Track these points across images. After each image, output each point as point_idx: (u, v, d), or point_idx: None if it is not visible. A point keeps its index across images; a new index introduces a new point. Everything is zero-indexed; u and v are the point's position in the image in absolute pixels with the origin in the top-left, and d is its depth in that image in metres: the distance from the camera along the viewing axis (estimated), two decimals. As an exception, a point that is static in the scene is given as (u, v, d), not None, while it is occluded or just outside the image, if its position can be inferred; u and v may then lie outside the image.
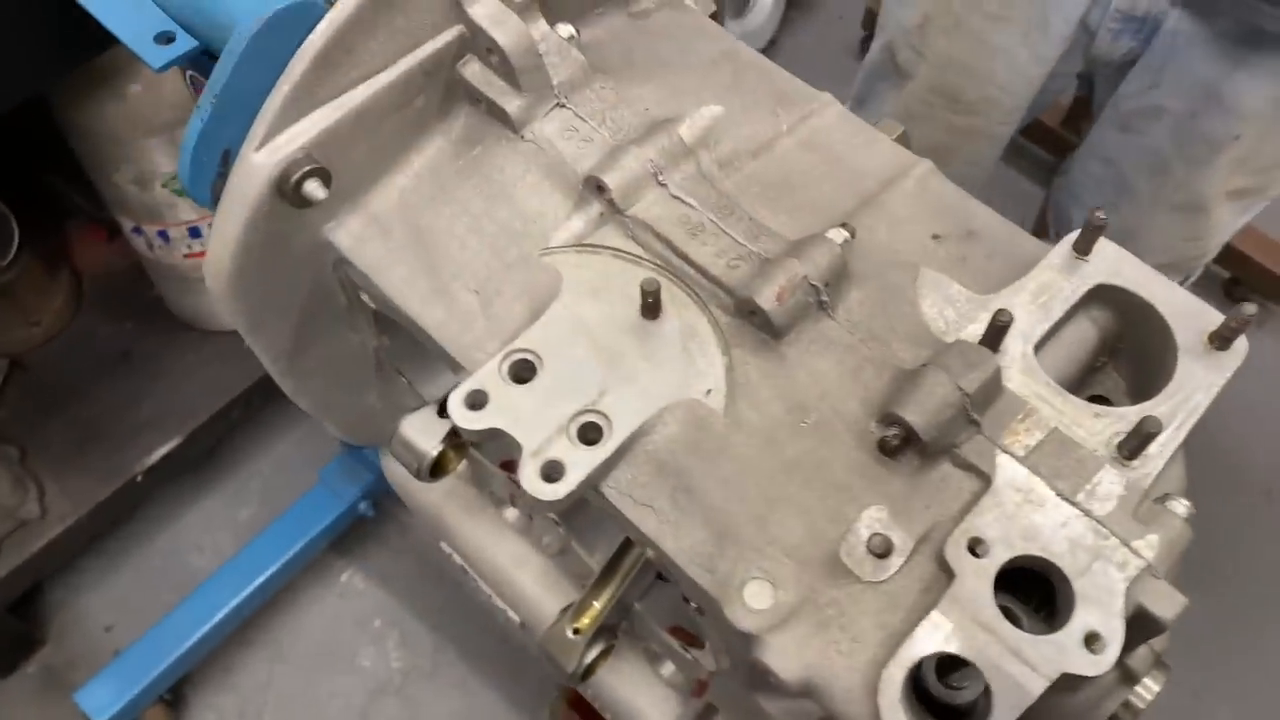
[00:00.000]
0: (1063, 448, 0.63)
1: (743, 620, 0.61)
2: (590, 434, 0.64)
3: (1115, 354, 0.73)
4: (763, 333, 0.68)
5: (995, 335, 0.64)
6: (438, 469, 0.85)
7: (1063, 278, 0.69)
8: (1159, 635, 0.61)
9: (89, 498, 1.73)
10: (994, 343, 0.65)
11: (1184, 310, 0.67)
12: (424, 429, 0.85)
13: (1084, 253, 0.69)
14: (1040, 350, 0.67)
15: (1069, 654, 0.56)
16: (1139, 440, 0.62)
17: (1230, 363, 0.66)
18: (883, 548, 0.61)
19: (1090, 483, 0.61)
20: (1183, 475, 0.66)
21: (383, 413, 0.95)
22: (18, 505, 1.68)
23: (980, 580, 0.58)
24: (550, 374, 0.66)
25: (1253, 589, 1.94)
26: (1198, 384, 0.65)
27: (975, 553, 0.59)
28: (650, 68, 0.81)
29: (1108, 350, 0.73)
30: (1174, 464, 0.64)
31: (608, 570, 0.88)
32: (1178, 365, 0.66)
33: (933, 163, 0.78)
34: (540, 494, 0.62)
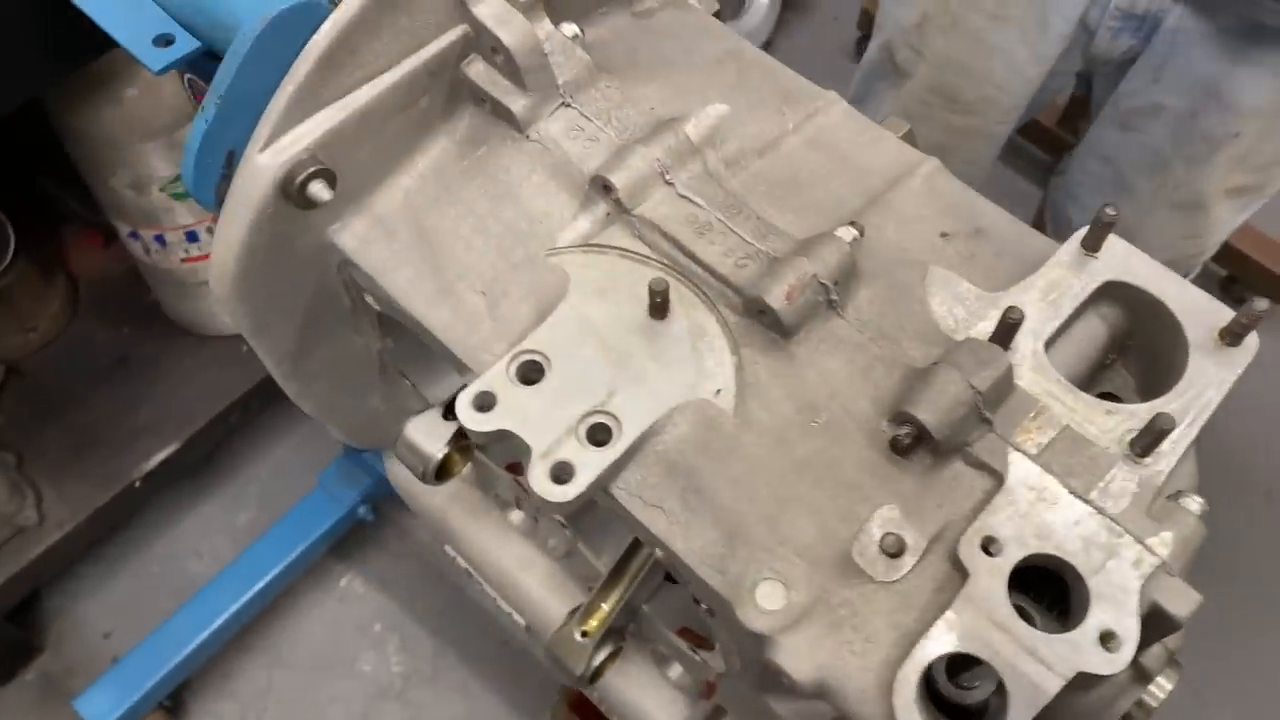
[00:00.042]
0: (1075, 445, 0.63)
1: (755, 621, 0.60)
2: (599, 435, 0.64)
3: (1124, 351, 0.73)
4: (772, 332, 0.68)
5: (1006, 333, 0.64)
6: (443, 471, 0.85)
7: (1072, 275, 0.68)
8: (1174, 633, 0.60)
9: (87, 504, 1.72)
10: (1005, 340, 0.64)
11: (1194, 306, 0.67)
12: (429, 431, 0.84)
13: (1093, 249, 0.69)
14: (1050, 348, 0.67)
15: (1085, 653, 0.56)
16: (1152, 437, 0.61)
17: (1241, 359, 0.66)
18: (895, 547, 0.61)
19: (1103, 480, 0.61)
20: (1194, 472, 0.66)
21: (386, 415, 0.94)
22: (15, 512, 1.67)
23: (994, 579, 0.58)
24: (558, 375, 0.65)
25: (1254, 588, 1.94)
26: (1209, 380, 0.65)
27: (989, 552, 0.59)
28: (654, 67, 0.81)
29: (1117, 347, 0.72)
30: (1186, 461, 0.64)
31: (616, 572, 0.87)
32: (1189, 362, 0.65)
33: (939, 160, 0.78)
34: (550, 496, 0.62)
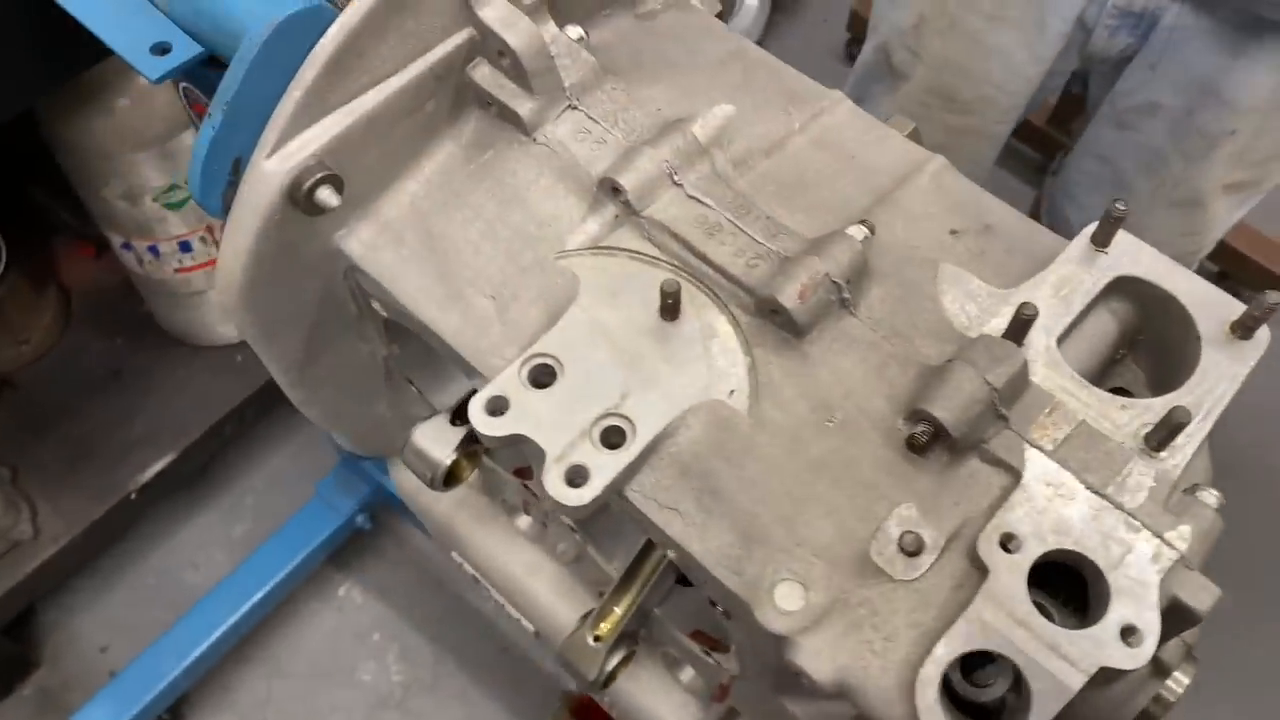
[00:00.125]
0: (1091, 440, 0.62)
1: (774, 622, 0.60)
2: (613, 438, 0.64)
3: (1134, 346, 0.73)
4: (784, 332, 0.68)
5: (1019, 329, 0.64)
6: (451, 478, 0.85)
7: (1083, 270, 0.68)
8: (1193, 627, 0.60)
9: (82, 517, 1.70)
10: (1018, 337, 0.64)
11: (1205, 300, 0.67)
12: (437, 438, 0.84)
13: (1103, 245, 0.69)
14: (1061, 344, 0.67)
15: (1106, 648, 0.56)
16: (1167, 431, 0.61)
17: (1253, 352, 0.66)
18: (914, 546, 0.61)
19: (1120, 475, 0.61)
20: (1209, 466, 0.66)
21: (392, 422, 0.94)
22: (10, 526, 1.66)
23: (1014, 576, 0.58)
24: (570, 378, 0.65)
25: (1255, 587, 1.94)
26: (1222, 374, 0.65)
27: (1008, 548, 0.59)
28: (659, 68, 0.81)
29: (1127, 342, 0.72)
30: (1200, 455, 0.64)
31: (628, 576, 0.87)
32: (1201, 355, 0.65)
33: (945, 158, 0.78)
34: (565, 500, 0.61)
